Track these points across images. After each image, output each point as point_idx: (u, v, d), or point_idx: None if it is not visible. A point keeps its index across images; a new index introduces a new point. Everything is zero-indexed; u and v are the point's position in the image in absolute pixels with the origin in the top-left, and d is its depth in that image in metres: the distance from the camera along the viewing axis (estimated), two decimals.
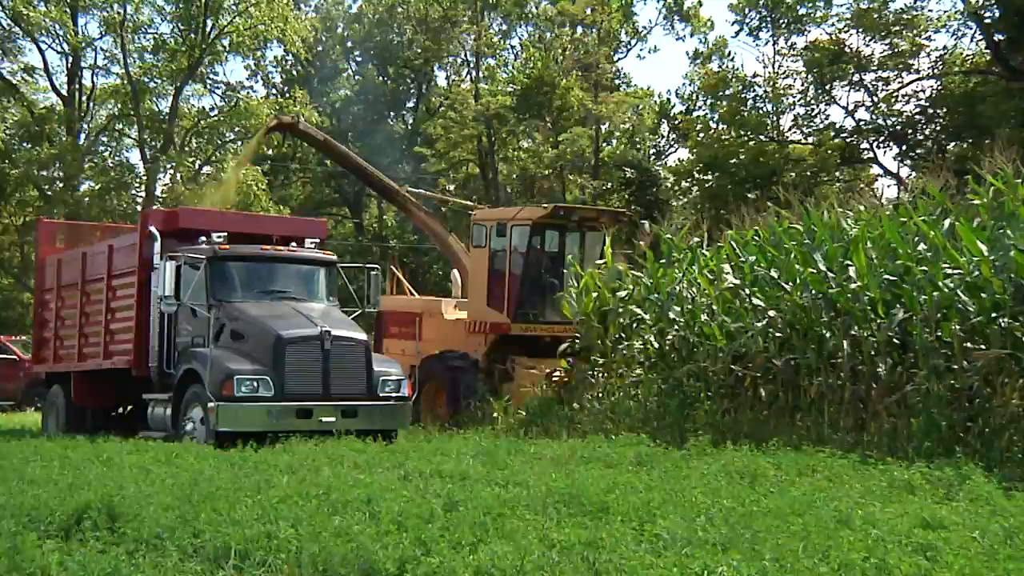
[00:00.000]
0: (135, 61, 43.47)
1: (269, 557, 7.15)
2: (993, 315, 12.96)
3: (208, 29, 42.54)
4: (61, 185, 42.18)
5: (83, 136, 43.72)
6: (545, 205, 21.25)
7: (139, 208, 42.18)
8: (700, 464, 11.85)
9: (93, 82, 44.49)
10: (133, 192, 44.10)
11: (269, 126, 26.19)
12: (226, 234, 16.92)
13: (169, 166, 43.16)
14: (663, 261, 18.53)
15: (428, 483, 10.17)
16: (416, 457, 12.56)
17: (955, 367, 13.01)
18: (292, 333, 15.42)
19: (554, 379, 18.34)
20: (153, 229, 17.08)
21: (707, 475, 10.90)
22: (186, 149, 44.44)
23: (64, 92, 43.30)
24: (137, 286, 17.62)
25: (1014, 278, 12.95)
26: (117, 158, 45.30)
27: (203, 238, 16.92)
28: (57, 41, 42.53)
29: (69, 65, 43.23)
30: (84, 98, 44.13)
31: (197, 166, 44.76)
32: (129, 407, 19.22)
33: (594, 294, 18.46)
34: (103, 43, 43.64)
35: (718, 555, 6.68)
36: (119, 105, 44.76)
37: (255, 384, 14.78)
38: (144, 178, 43.46)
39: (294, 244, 17.59)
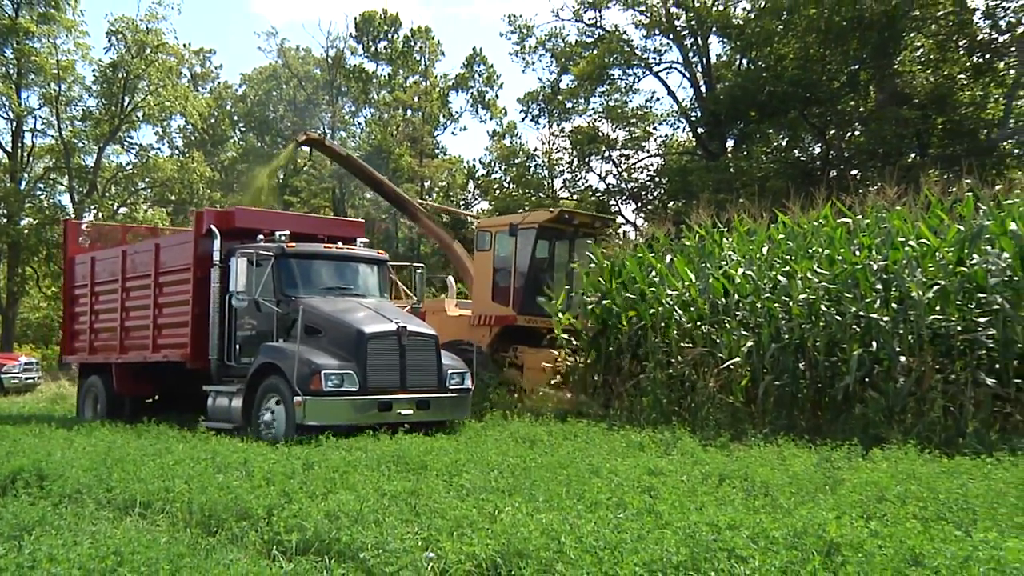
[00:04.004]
0: (67, 126, 41.48)
1: (167, 506, 6.96)
2: (698, 323, 13.44)
3: (126, 103, 41.13)
4: (5, 220, 39.93)
5: (23, 183, 41.41)
6: (551, 209, 18.51)
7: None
8: (494, 432, 11.92)
9: (32, 142, 42.30)
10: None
11: (299, 140, 22.77)
12: (288, 232, 13.66)
13: (93, 208, 41.27)
14: None
15: (291, 448, 9.92)
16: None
17: (673, 360, 13.43)
18: (373, 329, 12.28)
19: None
20: (214, 228, 13.96)
21: (499, 440, 10.97)
22: (107, 195, 42.57)
23: (8, 149, 41.07)
24: (193, 282, 14.26)
25: (711, 297, 13.50)
26: (51, 201, 43.00)
27: (261, 236, 13.87)
28: (3, 109, 40.42)
29: (13, 128, 41.02)
30: (25, 154, 41.82)
31: (115, 208, 42.94)
32: (159, 396, 16.47)
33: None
34: (42, 112, 41.68)
35: (505, 498, 6.74)
36: (53, 160, 42.66)
37: (340, 379, 11.77)
38: (72, 216, 41.40)
39: (340, 243, 14.45)
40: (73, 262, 17.96)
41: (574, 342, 15.38)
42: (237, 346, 13.65)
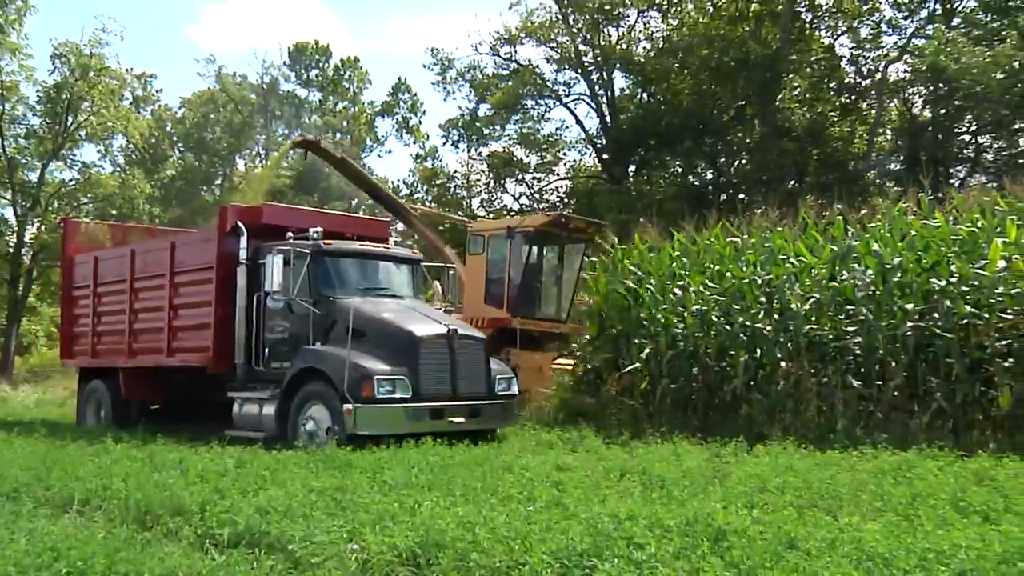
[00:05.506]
0: (11, 143, 39.81)
1: (104, 503, 6.76)
2: (603, 329, 13.59)
3: (69, 123, 39.75)
4: None
5: None
6: (548, 213, 17.15)
7: (11, 250, 38.83)
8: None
9: None
10: (6, 239, 40.34)
11: (295, 142, 20.84)
12: (322, 230, 11.88)
13: (36, 221, 39.82)
14: None
15: (224, 448, 9.63)
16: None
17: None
18: (425, 332, 10.73)
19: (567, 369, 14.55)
20: (241, 225, 12.11)
21: (420, 440, 10.85)
22: (49, 209, 40.92)
23: None
24: (216, 282, 12.31)
25: (616, 306, 13.64)
26: None
27: (290, 234, 12.00)
28: None
29: None
30: None
31: (58, 221, 41.39)
32: (164, 402, 14.42)
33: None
34: None
35: (425, 493, 6.69)
36: None
37: (392, 385, 10.21)
38: (16, 229, 39.86)
39: (368, 242, 12.70)
40: (73, 262, 15.78)
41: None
42: (266, 349, 11.89)
